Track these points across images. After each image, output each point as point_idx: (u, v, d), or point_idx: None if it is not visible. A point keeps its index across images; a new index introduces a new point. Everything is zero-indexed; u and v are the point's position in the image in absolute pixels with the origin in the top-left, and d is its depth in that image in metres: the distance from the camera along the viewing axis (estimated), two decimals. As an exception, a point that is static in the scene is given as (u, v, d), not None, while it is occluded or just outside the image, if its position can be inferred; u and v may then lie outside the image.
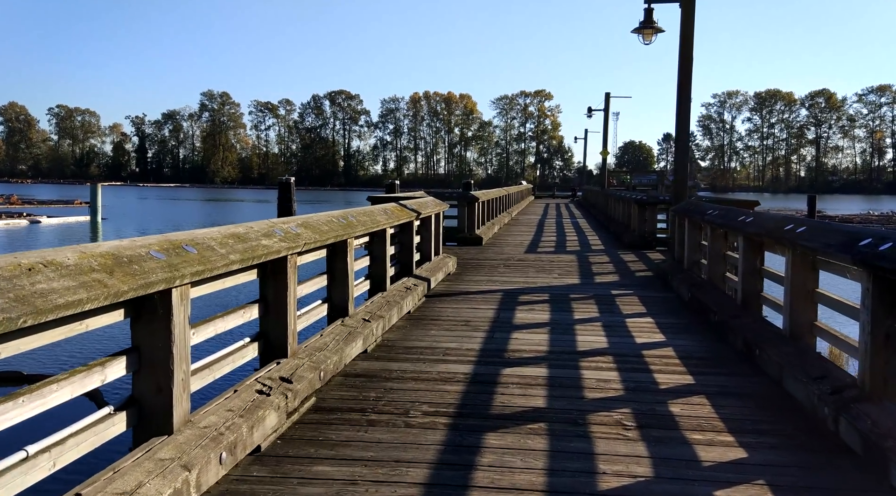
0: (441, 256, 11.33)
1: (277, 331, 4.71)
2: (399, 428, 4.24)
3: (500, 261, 13.41)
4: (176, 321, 3.31)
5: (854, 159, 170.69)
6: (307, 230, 5.11)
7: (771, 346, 5.56)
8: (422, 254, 10.50)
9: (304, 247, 4.88)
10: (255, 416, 3.80)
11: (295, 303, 4.83)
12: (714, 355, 6.20)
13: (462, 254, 14.26)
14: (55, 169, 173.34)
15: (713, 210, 8.95)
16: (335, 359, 5.22)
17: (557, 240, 19.07)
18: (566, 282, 10.76)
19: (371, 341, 6.20)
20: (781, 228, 5.83)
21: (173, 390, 3.29)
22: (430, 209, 10.35)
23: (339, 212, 6.37)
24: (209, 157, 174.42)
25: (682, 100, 11.25)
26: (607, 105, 41.42)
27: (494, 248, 16.04)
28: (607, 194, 29.89)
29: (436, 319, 7.64)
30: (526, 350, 6.31)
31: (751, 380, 5.42)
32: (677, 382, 5.34)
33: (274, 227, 4.64)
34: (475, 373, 5.50)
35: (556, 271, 12.05)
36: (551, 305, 8.68)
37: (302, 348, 5.00)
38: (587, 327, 7.38)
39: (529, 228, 23.32)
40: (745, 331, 6.21)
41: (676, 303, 8.94)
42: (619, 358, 6.04)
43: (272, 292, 4.70)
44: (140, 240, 3.32)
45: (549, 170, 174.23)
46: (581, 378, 5.41)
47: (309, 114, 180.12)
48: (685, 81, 11.23)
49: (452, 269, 11.46)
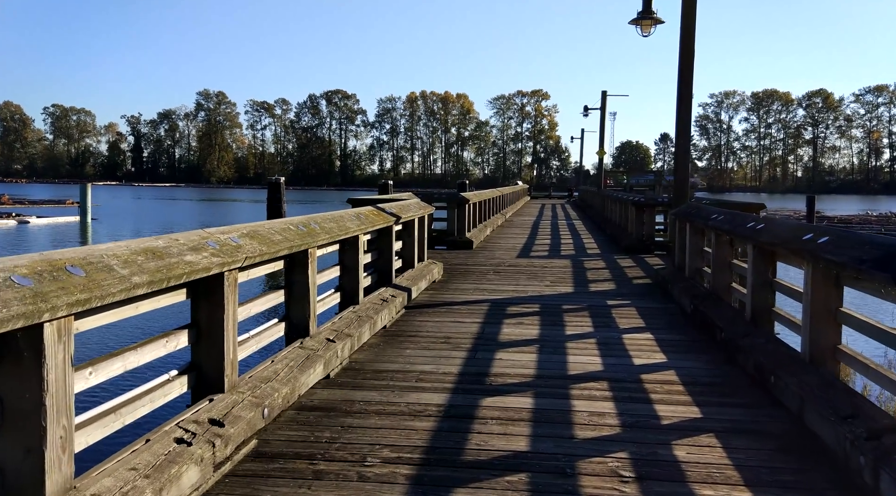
0: (425, 263, 10.62)
1: (212, 362, 4.00)
2: (351, 482, 3.52)
3: (491, 266, 12.69)
4: (50, 364, 2.59)
5: (851, 159, 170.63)
6: (253, 241, 4.39)
7: (788, 373, 4.86)
8: (404, 261, 9.79)
9: (247, 261, 4.16)
10: (168, 475, 3.08)
11: (234, 327, 4.12)
12: (722, 381, 5.49)
13: (450, 258, 13.54)
14: (50, 168, 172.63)
15: (718, 214, 8.24)
16: (286, 392, 4.50)
17: (551, 243, 18.36)
18: (559, 291, 10.05)
19: (335, 365, 5.49)
20: (799, 238, 5.13)
21: (45, 453, 2.58)
22: (413, 212, 9.64)
23: (300, 218, 5.65)
24: (205, 156, 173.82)
25: (682, 96, 10.54)
26: (604, 103, 40.59)
27: (485, 252, 15.31)
28: (604, 195, 29.17)
29: (413, 336, 6.93)
30: (510, 373, 5.60)
31: (766, 413, 4.71)
32: (682, 416, 4.64)
33: (207, 239, 3.92)
34: (450, 404, 4.79)
35: (549, 278, 11.34)
36: (542, 318, 7.97)
37: (244, 380, 4.28)
38: (580, 345, 6.67)
39: (523, 231, 22.60)
40: (757, 353, 5.51)
41: (678, 316, 8.23)
42: (616, 384, 5.34)
43: (205, 316, 3.99)
44: (5, 260, 2.61)
45: (546, 170, 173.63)
46: (571, 410, 4.70)
47: (305, 113, 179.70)
48: (686, 76, 10.52)
49: (438, 277, 10.74)
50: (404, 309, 8.17)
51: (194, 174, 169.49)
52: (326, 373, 5.30)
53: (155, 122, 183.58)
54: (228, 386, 4.03)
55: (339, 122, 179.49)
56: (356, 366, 5.75)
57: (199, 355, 4.00)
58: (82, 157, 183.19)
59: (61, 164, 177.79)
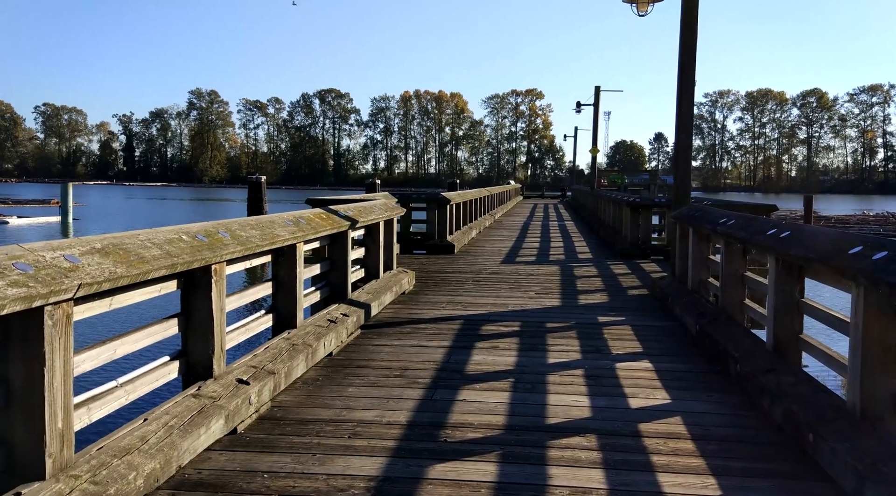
0: (394, 272, 9.41)
1: (27, 437, 2.79)
2: None
3: (471, 274, 11.48)
4: None
5: (845, 159, 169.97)
6: (105, 259, 3.17)
7: (835, 434, 3.67)
8: (367, 271, 8.59)
9: (83, 289, 2.95)
10: None
11: (64, 381, 2.90)
12: (743, 435, 4.29)
13: (427, 265, 12.33)
14: (42, 168, 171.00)
15: (728, 218, 7.05)
16: (153, 467, 3.28)
17: (540, 247, 17.14)
18: (544, 305, 8.84)
19: (247, 414, 4.27)
20: (844, 253, 3.93)
21: None
22: (377, 215, 8.43)
23: (204, 224, 4.44)
24: (197, 155, 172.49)
25: (683, 85, 9.34)
26: (597, 99, 39.13)
27: (467, 257, 14.08)
28: (597, 195, 27.92)
29: (363, 366, 5.71)
30: (473, 423, 4.39)
31: (807, 489, 3.52)
32: (695, 493, 3.44)
33: (18, 260, 2.71)
34: (385, 476, 3.58)
35: (534, 288, 10.14)
36: (521, 341, 6.77)
37: (89, 455, 3.07)
38: (564, 379, 5.46)
39: (511, 233, 21.37)
40: (788, 399, 4.31)
41: (681, 338, 7.03)
42: (607, 439, 4.14)
43: (21, 371, 2.78)
44: None
45: (540, 169, 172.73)
46: (547, 486, 3.50)
47: (298, 112, 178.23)
48: (687, 61, 9.32)
49: (408, 287, 9.52)
50: (360, 329, 6.96)
51: (186, 173, 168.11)
52: (232, 427, 4.09)
53: (147, 122, 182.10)
54: (53, 469, 2.82)
55: (332, 122, 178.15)
56: (278, 413, 4.54)
57: (3, 428, 2.79)
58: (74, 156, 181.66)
59: (52, 163, 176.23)
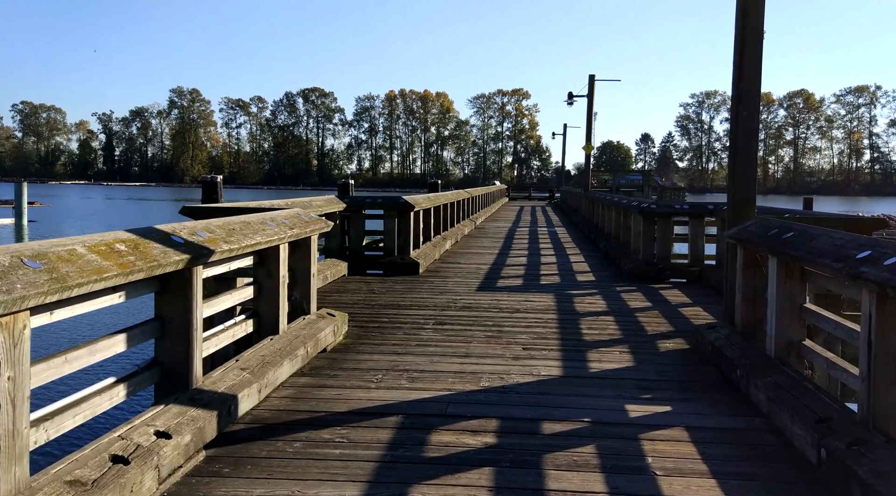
0: (310, 319, 6.25)
1: None
2: None
3: (434, 310, 8.32)
4: None
5: (832, 160, 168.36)
6: None
7: None
8: (260, 323, 5.44)
9: None
10: None
11: None
12: None
13: (377, 295, 9.18)
14: (19, 167, 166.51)
15: (857, 248, 3.96)
16: None
17: (528, 263, 13.89)
18: (537, 374, 5.69)
19: None
20: None
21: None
22: (269, 237, 5.27)
23: None
24: (178, 155, 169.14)
25: (746, 38, 6.27)
26: (591, 90, 35.65)
27: (435, 280, 10.88)
28: (592, 198, 24.67)
29: None
30: None
31: None
32: None
33: None
34: None
35: (521, 337, 6.99)
36: (497, 476, 3.64)
37: None
38: None
39: (494, 243, 18.16)
40: None
41: (787, 465, 3.90)
42: None
43: None
44: None
45: (526, 170, 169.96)
46: None
47: (282, 111, 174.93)
48: (752, 5, 6.26)
49: (332, 341, 6.35)
50: (204, 450, 3.81)
51: (167, 173, 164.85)
52: None
53: (127, 120, 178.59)
54: None
55: (316, 121, 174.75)
56: None
57: None
58: (52, 155, 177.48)
59: (30, 162, 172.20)
